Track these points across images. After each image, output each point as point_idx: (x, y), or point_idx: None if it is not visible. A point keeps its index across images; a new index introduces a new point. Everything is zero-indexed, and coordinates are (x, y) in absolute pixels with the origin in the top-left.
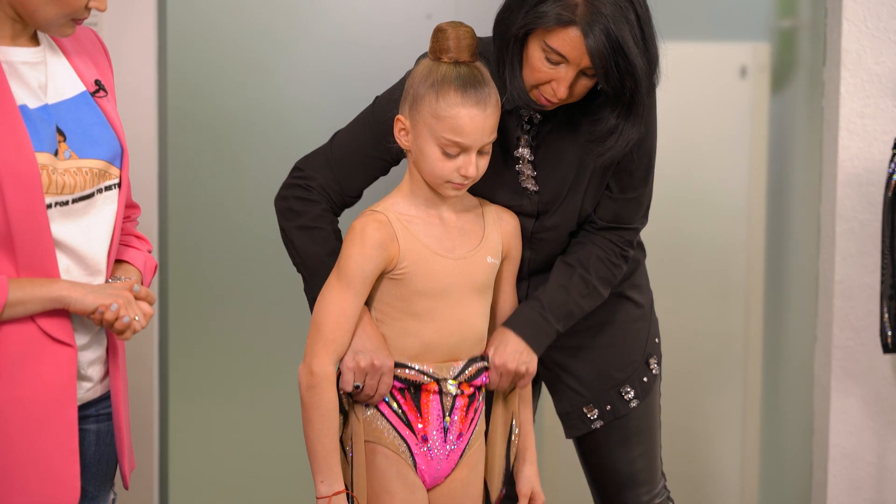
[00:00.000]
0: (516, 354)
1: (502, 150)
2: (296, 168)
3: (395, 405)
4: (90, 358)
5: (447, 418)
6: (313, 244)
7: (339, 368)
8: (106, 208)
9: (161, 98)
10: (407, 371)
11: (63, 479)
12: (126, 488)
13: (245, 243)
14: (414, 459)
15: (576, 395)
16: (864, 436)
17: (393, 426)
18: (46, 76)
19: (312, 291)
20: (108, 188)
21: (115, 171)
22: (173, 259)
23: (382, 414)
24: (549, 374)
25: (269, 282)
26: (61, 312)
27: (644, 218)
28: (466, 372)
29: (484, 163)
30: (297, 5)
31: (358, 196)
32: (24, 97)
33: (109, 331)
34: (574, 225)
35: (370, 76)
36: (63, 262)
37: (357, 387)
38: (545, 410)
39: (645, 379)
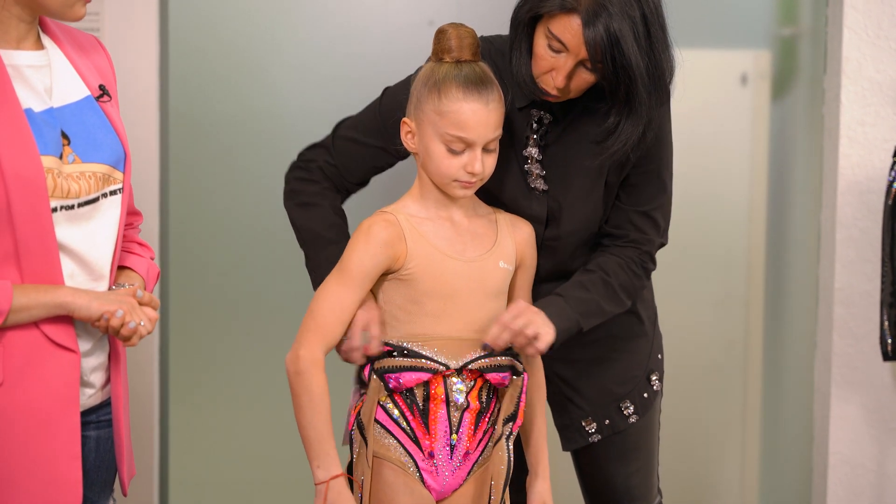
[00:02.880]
0: (521, 316)
1: (512, 150)
2: (300, 153)
3: (403, 423)
4: (93, 364)
5: (454, 436)
6: (309, 219)
7: None
8: (110, 213)
9: (163, 103)
10: (421, 360)
11: (65, 484)
12: (125, 495)
13: (246, 249)
14: (421, 474)
15: (575, 408)
16: (863, 443)
17: (401, 443)
18: (51, 80)
19: (310, 264)
20: (112, 193)
21: (118, 175)
22: (174, 264)
23: (390, 432)
24: (549, 386)
25: (270, 287)
26: (65, 318)
27: (663, 235)
28: (478, 362)
29: (491, 161)
30: (299, 11)
31: (360, 183)
32: (29, 100)
33: (115, 337)
34: (587, 234)
35: (372, 82)
36: (67, 266)
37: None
38: None
39: (645, 395)
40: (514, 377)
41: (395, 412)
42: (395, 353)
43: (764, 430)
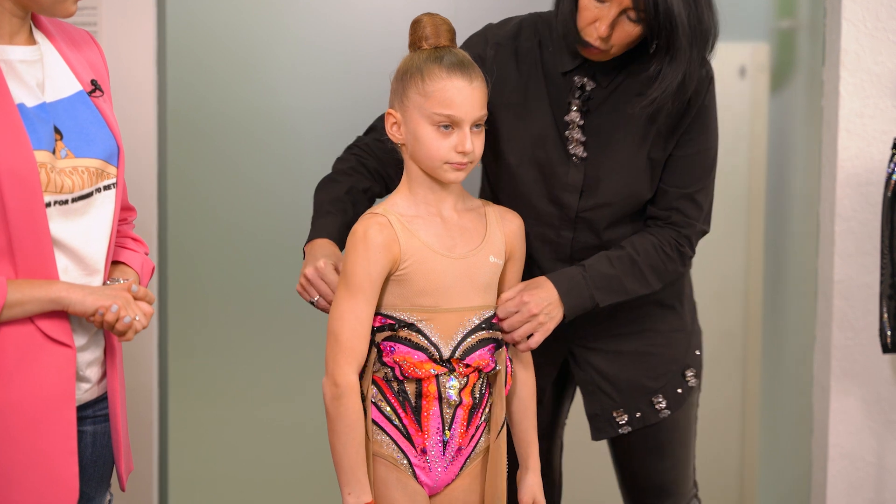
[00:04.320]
0: (544, 303)
1: (553, 115)
2: None
3: (395, 420)
4: (88, 359)
5: (447, 432)
6: (322, 192)
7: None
8: (104, 208)
9: (160, 101)
10: (419, 336)
11: (62, 480)
12: (122, 490)
13: (243, 245)
14: (413, 470)
15: (607, 399)
16: (863, 436)
17: (393, 440)
18: (44, 74)
19: (310, 232)
20: (106, 188)
21: (112, 170)
22: (172, 260)
23: (382, 429)
24: (582, 375)
25: (268, 283)
26: (60, 313)
27: (706, 220)
28: (469, 340)
29: (479, 141)
30: (296, 9)
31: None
32: (22, 96)
33: (111, 332)
34: (625, 207)
35: (369, 79)
36: (62, 261)
37: (312, 302)
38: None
39: (679, 390)
40: (497, 350)
41: (388, 409)
42: (396, 327)
43: (763, 423)
